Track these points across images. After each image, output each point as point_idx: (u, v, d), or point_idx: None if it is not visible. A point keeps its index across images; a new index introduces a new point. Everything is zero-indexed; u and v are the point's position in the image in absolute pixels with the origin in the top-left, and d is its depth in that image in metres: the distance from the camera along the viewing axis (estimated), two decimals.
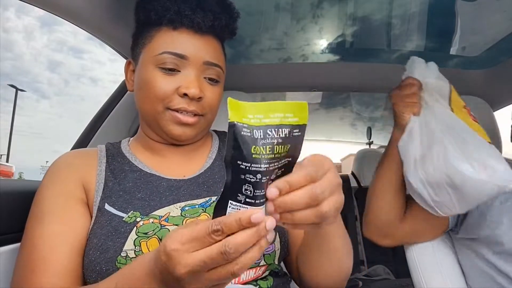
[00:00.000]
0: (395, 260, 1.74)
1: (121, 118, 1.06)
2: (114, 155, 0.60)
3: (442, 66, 1.25)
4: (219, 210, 0.32)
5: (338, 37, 1.17)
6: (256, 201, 0.32)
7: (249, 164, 0.30)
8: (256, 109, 0.31)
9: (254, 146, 0.30)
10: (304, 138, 0.34)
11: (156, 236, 0.47)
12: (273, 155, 0.31)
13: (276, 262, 0.54)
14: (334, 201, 0.34)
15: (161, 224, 0.49)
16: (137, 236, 0.47)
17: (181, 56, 0.56)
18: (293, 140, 0.32)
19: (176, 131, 0.57)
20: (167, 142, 0.62)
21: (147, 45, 0.58)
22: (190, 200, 0.54)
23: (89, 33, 0.80)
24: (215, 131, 0.73)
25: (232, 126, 0.30)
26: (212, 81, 0.59)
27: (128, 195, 0.53)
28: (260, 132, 0.31)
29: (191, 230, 0.31)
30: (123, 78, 0.99)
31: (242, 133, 0.30)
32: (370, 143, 2.56)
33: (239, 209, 0.32)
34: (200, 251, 0.31)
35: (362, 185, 2.02)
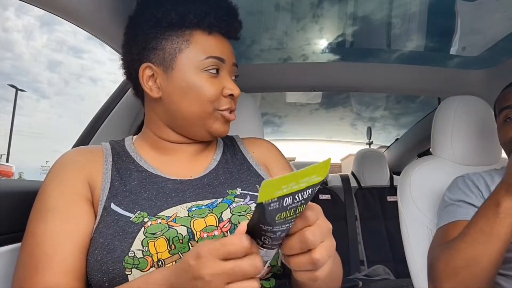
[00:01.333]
0: (395, 260, 1.74)
1: (121, 118, 1.06)
2: (120, 154, 0.60)
3: (442, 66, 1.27)
4: None
5: (338, 36, 1.17)
6: (272, 247, 0.36)
7: (271, 227, 0.33)
8: (291, 178, 0.31)
9: (280, 214, 0.32)
10: (304, 138, 0.35)
11: (164, 237, 0.47)
12: (295, 215, 0.34)
13: (279, 264, 0.55)
14: (326, 247, 0.36)
15: (168, 225, 0.49)
16: (145, 237, 0.47)
17: (222, 60, 0.60)
18: (312, 196, 0.34)
19: (222, 129, 0.62)
20: (188, 140, 0.63)
21: (184, 50, 0.58)
22: (196, 201, 0.54)
23: (89, 33, 0.79)
24: None
25: (259, 205, 0.31)
26: (235, 80, 0.66)
27: (134, 195, 0.53)
28: (290, 199, 0.32)
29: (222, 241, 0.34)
30: (123, 78, 0.99)
31: (270, 208, 0.31)
32: (370, 143, 2.56)
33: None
34: (231, 261, 0.34)
35: (362, 185, 2.02)
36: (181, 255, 0.47)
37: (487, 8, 1.00)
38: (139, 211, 0.51)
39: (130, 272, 0.45)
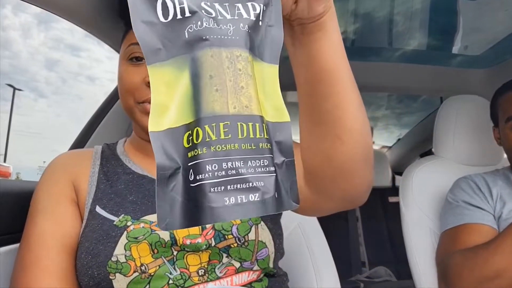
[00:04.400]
0: (397, 261, 1.73)
1: (120, 117, 1.05)
2: (109, 157, 0.60)
3: (444, 65, 1.26)
4: None
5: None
6: None
7: None
8: None
9: None
10: None
11: (146, 241, 0.47)
12: None
13: (271, 266, 0.53)
14: None
15: (151, 229, 0.48)
16: (127, 241, 0.47)
17: None
18: None
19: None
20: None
21: (121, 44, 0.58)
22: None
23: (87, 31, 0.78)
24: None
25: None
26: None
27: (119, 197, 0.53)
28: None
29: None
30: None
31: None
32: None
33: None
34: None
35: None
36: (164, 259, 0.47)
37: (489, 7, 0.99)
38: (123, 215, 0.50)
39: (114, 277, 0.45)
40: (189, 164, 0.21)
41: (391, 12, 1.04)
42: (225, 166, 0.20)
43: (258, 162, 0.21)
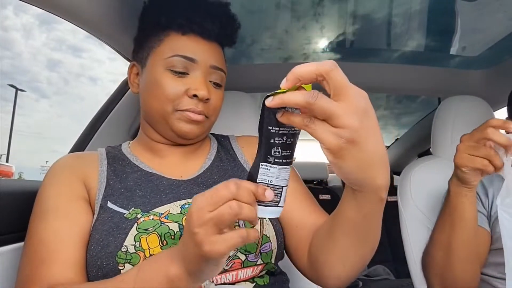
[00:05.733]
0: (395, 260, 1.74)
1: (121, 118, 1.06)
2: (115, 158, 0.61)
3: (442, 66, 1.27)
4: (252, 173, 0.37)
5: (339, 35, 1.17)
6: (283, 161, 0.37)
7: (277, 128, 0.36)
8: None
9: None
10: (304, 138, 0.35)
11: (156, 232, 0.48)
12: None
13: (273, 262, 0.55)
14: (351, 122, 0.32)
15: (161, 221, 0.50)
16: (137, 232, 0.48)
17: (191, 60, 0.58)
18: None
19: (185, 128, 0.58)
20: (169, 142, 0.63)
21: (155, 48, 0.60)
22: (190, 199, 0.55)
23: (89, 32, 0.79)
24: (213, 134, 0.74)
25: (264, 99, 0.35)
26: (217, 85, 0.62)
27: (129, 192, 0.55)
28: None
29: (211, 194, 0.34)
30: (122, 77, 0.99)
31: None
32: None
33: (269, 169, 0.37)
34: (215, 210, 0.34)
35: None
36: None
37: (487, 8, 1.00)
38: (133, 208, 0.52)
39: (123, 267, 0.46)
40: None
41: (390, 14, 1.04)
42: None
43: None
